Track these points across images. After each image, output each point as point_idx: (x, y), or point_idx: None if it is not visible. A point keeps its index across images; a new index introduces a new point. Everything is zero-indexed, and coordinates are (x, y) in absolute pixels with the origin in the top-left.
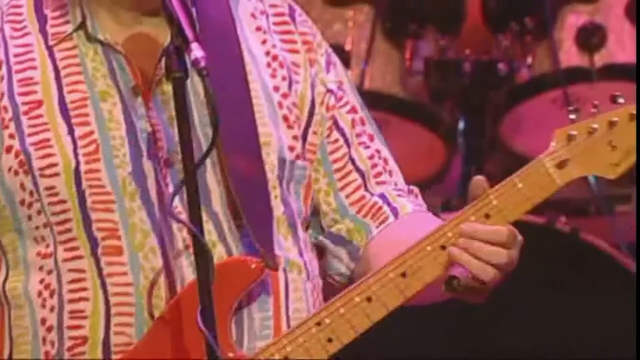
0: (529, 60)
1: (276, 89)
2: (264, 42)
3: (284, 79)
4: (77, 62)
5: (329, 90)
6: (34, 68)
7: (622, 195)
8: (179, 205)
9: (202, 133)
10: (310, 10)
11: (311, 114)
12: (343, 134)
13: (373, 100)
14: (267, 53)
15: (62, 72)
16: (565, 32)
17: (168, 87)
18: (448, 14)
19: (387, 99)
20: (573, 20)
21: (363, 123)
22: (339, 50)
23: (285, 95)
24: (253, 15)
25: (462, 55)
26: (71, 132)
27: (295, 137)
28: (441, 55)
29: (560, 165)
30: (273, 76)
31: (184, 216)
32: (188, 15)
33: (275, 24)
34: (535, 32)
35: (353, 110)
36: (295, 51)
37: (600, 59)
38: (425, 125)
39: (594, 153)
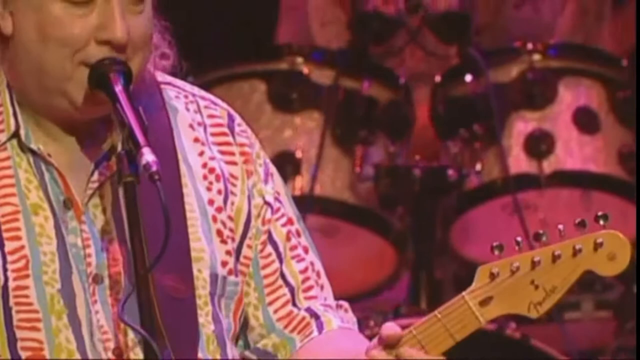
0: (478, 166)
1: (211, 202)
2: (201, 153)
3: (219, 192)
4: (11, 173)
5: (267, 203)
6: None
7: (571, 302)
8: (105, 325)
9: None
10: (260, 116)
11: (247, 227)
12: (276, 249)
13: (323, 206)
14: (204, 165)
15: None
16: (514, 139)
17: (101, 201)
18: (397, 120)
19: (337, 205)
20: (521, 127)
21: (299, 235)
22: (289, 156)
23: (219, 209)
24: (191, 126)
25: (411, 162)
26: (1, 247)
27: (228, 252)
28: (391, 161)
29: (483, 302)
30: (209, 189)
31: (112, 344)
32: (139, 120)
33: (213, 134)
34: (484, 138)
35: (289, 222)
36: (233, 163)
37: (548, 166)
38: (376, 231)
39: (516, 292)
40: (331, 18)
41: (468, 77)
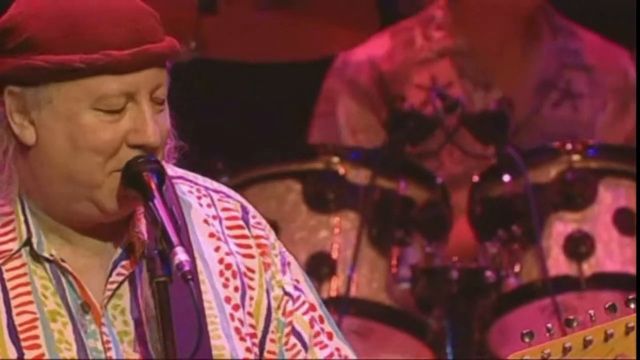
0: (517, 268)
1: (228, 299)
2: (217, 249)
3: (236, 289)
4: (26, 281)
5: (287, 293)
6: None
7: None
8: None
9: (152, 346)
10: (296, 217)
11: (268, 320)
12: (300, 339)
13: (359, 308)
14: (221, 261)
15: (11, 293)
16: (553, 241)
17: (119, 301)
18: (434, 221)
19: (373, 306)
20: (561, 228)
21: (322, 321)
22: (324, 257)
23: (236, 307)
24: (206, 222)
25: (449, 263)
26: (21, 356)
27: (248, 350)
28: (428, 262)
29: None
30: (225, 286)
31: None
32: (172, 219)
33: (228, 228)
34: (523, 240)
35: (311, 308)
36: (250, 256)
37: (588, 268)
38: (412, 333)
39: None
40: (364, 125)
41: (506, 177)
